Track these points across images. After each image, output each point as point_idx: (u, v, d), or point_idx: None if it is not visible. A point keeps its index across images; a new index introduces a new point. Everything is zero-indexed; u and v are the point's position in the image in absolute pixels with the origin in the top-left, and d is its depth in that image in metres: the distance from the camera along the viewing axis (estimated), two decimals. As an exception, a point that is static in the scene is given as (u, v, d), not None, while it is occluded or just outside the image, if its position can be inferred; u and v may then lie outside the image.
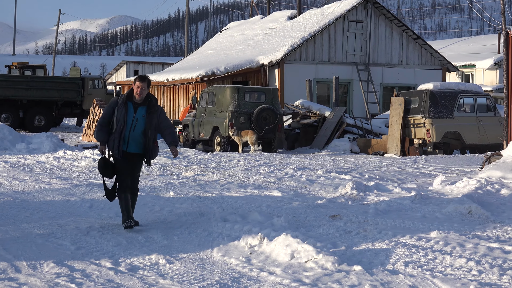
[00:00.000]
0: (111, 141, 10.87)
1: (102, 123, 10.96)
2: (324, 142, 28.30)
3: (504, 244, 9.63)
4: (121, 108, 10.85)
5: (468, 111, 26.24)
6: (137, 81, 10.95)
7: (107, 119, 10.93)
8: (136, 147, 10.93)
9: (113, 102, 10.96)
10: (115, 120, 10.83)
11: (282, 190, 15.09)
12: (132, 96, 10.95)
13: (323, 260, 8.61)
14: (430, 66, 39.04)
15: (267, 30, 43.11)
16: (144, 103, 10.97)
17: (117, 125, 10.81)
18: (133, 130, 10.85)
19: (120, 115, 10.82)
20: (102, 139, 10.95)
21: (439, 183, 15.52)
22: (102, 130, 10.94)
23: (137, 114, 10.90)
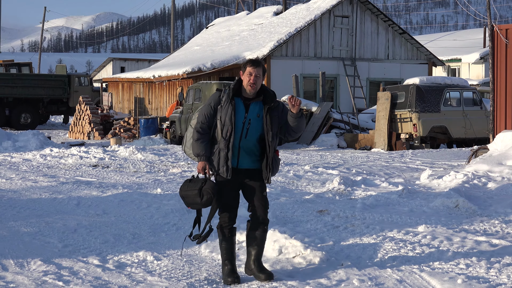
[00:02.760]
0: (214, 156, 7.82)
1: (201, 129, 7.86)
2: (311, 138, 28.31)
3: (491, 237, 9.65)
4: (226, 106, 7.79)
5: (455, 105, 26.30)
6: (249, 66, 7.79)
7: (206, 123, 7.86)
8: (250, 161, 7.89)
9: (214, 99, 7.89)
10: (219, 124, 7.82)
11: (269, 185, 15.03)
12: (240, 89, 7.89)
13: (311, 255, 8.61)
14: (416, 61, 39.08)
15: (253, 26, 43.07)
16: (257, 97, 7.87)
17: (222, 131, 7.79)
18: (245, 137, 7.81)
19: (226, 117, 7.76)
20: (203, 153, 7.80)
21: (426, 177, 15.55)
22: (202, 139, 7.82)
23: (250, 113, 7.83)
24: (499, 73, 19.23)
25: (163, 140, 29.81)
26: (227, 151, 7.76)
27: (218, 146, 7.79)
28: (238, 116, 7.79)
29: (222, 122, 7.78)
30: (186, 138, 8.21)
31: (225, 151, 7.76)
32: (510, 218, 11.14)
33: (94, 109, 36.43)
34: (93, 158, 21.17)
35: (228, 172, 7.77)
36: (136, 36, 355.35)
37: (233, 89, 7.83)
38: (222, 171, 7.78)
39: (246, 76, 7.77)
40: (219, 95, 7.87)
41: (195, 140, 7.85)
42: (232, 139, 7.76)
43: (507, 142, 17.43)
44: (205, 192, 7.70)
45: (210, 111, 7.86)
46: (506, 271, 7.93)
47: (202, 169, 7.80)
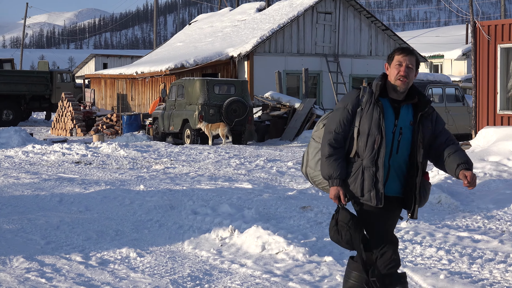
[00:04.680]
0: (354, 178, 5.86)
1: (335, 141, 5.88)
2: (294, 134, 28.33)
3: (474, 233, 9.70)
4: (369, 109, 5.85)
5: (437, 102, 26.38)
6: (397, 54, 5.91)
7: (342, 133, 5.89)
8: (398, 186, 5.94)
9: (351, 100, 5.93)
10: (359, 133, 5.86)
11: (252, 182, 15.08)
12: (385, 87, 5.95)
13: (294, 251, 8.63)
14: (399, 57, 39.12)
15: (236, 22, 43.04)
16: (409, 99, 5.93)
17: (366, 143, 5.83)
18: (396, 152, 5.87)
19: (372, 124, 5.81)
20: (338, 174, 5.84)
21: (408, 173, 15.55)
22: (336, 155, 5.87)
23: (401, 120, 5.89)
24: (481, 70, 19.33)
25: (146, 136, 29.76)
26: (375, 169, 5.78)
27: (360, 163, 5.82)
28: (387, 123, 5.82)
29: (364, 130, 5.80)
30: (308, 155, 6.16)
31: (373, 170, 5.78)
32: (492, 214, 11.21)
33: (77, 106, 36.31)
34: (75, 155, 21.10)
35: (378, 199, 5.77)
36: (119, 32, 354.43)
37: (380, 85, 5.87)
38: (367, 197, 5.79)
39: (394, 68, 5.84)
40: (357, 95, 5.90)
41: (327, 157, 5.81)
42: (383, 153, 5.78)
43: (489, 138, 17.52)
44: (341, 227, 5.87)
45: (347, 116, 5.85)
46: (488, 267, 7.98)
47: (335, 196, 5.82)
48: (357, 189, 5.82)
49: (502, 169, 15.37)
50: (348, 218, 5.83)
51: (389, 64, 5.89)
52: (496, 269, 7.87)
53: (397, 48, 6.00)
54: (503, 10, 55.69)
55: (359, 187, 5.81)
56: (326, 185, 6.01)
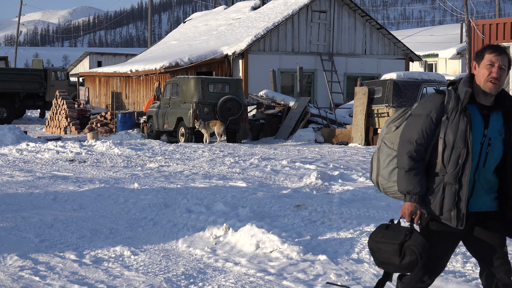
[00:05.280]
0: (434, 194, 5.24)
1: (416, 153, 5.24)
2: (289, 132, 28.33)
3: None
4: (455, 118, 5.20)
5: (431, 101, 26.34)
6: (488, 52, 5.24)
7: (424, 144, 5.24)
8: (488, 200, 5.33)
9: (435, 106, 5.25)
10: (442, 145, 5.22)
11: (247, 180, 15.08)
12: (473, 89, 5.27)
13: (288, 250, 8.62)
14: (393, 56, 39.19)
15: (231, 21, 43.03)
16: (497, 105, 5.29)
17: (450, 159, 5.20)
18: (482, 166, 5.25)
19: (457, 135, 5.17)
20: (418, 190, 5.21)
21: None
22: (416, 168, 5.23)
23: (490, 130, 5.24)
24: (475, 69, 19.36)
25: (140, 134, 29.72)
26: (458, 187, 5.17)
27: (441, 179, 5.21)
28: (475, 133, 5.18)
29: (449, 143, 5.17)
30: (379, 162, 5.49)
31: (455, 188, 5.17)
32: (486, 213, 11.19)
33: (71, 104, 36.26)
34: (69, 153, 21.08)
35: (459, 220, 5.18)
36: (113, 30, 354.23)
37: (469, 93, 5.19)
38: (446, 217, 5.19)
39: (485, 68, 5.17)
40: (442, 100, 5.22)
41: (406, 171, 5.18)
42: (468, 169, 5.15)
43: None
44: (409, 251, 5.19)
45: (431, 125, 5.19)
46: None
47: (410, 214, 5.18)
48: (436, 207, 5.20)
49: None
50: (425, 247, 5.17)
51: (478, 64, 5.24)
52: (490, 268, 7.87)
53: (488, 45, 5.30)
54: (498, 9, 55.78)
55: (438, 205, 5.20)
56: (400, 196, 5.35)
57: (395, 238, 5.24)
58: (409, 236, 5.19)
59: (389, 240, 5.25)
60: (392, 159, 5.37)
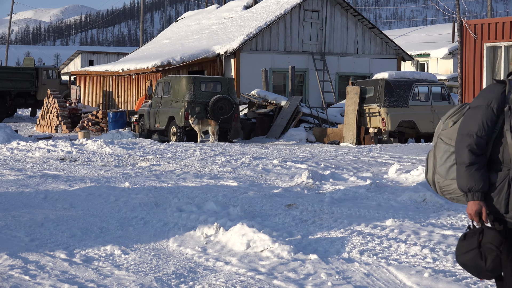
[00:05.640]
0: (498, 191, 4.93)
1: (477, 146, 4.94)
2: (280, 132, 28.34)
3: (458, 231, 9.70)
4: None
5: (423, 100, 26.41)
6: None
7: (485, 136, 4.95)
8: None
9: (496, 97, 4.97)
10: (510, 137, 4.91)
11: (238, 179, 15.07)
12: None
13: (279, 249, 8.61)
14: (385, 55, 39.23)
15: (223, 20, 43.01)
16: None
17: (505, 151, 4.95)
18: None
19: None
20: (480, 186, 4.91)
21: (394, 171, 15.61)
22: (478, 163, 4.94)
23: None
24: (467, 68, 19.38)
25: (131, 133, 29.70)
26: None
27: (506, 174, 4.89)
28: None
29: None
30: (436, 159, 5.20)
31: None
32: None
33: (62, 102, 36.21)
34: (60, 152, 21.04)
35: None
36: (105, 29, 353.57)
37: None
38: None
39: None
40: (503, 90, 4.94)
41: (467, 166, 4.87)
42: None
43: (475, 137, 17.54)
44: (487, 250, 4.92)
45: (492, 116, 4.90)
46: (472, 265, 7.97)
47: (477, 213, 4.91)
48: (500, 205, 4.87)
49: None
50: (499, 240, 4.88)
51: None
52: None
53: None
54: (490, 9, 55.86)
55: (503, 202, 4.86)
56: (459, 196, 5.08)
57: (471, 244, 4.97)
58: (481, 236, 4.93)
59: (467, 249, 4.99)
60: (450, 155, 5.09)
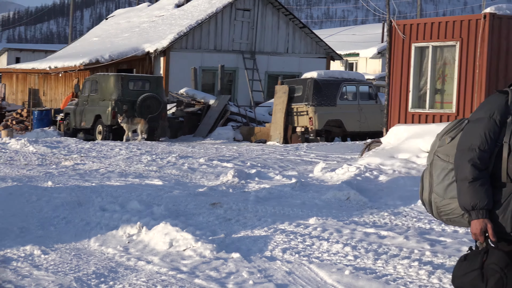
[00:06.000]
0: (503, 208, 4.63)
1: (480, 161, 4.64)
2: (208, 130, 28.30)
3: (380, 229, 9.79)
4: None
5: (351, 99, 26.63)
6: None
7: (488, 150, 4.65)
8: None
9: (499, 108, 4.67)
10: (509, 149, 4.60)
11: (163, 178, 14.97)
12: None
13: (201, 248, 8.58)
14: (315, 55, 39.45)
15: (154, 18, 42.78)
16: None
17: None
18: None
19: None
20: (485, 203, 4.61)
21: (319, 170, 15.68)
22: (481, 179, 4.63)
23: None
24: (395, 68, 19.55)
25: (56, 132, 29.34)
26: None
27: (510, 190, 4.59)
28: None
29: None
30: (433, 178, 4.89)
31: None
32: (399, 210, 11.34)
33: (-14, 101, 35.60)
34: (-17, 151, 20.64)
35: None
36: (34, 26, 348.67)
37: None
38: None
39: None
40: (506, 100, 4.65)
41: (471, 181, 4.56)
42: None
43: (400, 136, 17.73)
44: (490, 271, 4.61)
45: (495, 128, 4.59)
46: (392, 262, 8.05)
47: (482, 231, 4.58)
48: (506, 223, 4.54)
49: (411, 166, 15.60)
50: (505, 262, 4.56)
51: None
52: (400, 264, 7.95)
53: None
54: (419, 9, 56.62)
55: (509, 220, 4.54)
56: (457, 216, 4.80)
57: (473, 264, 4.66)
58: (486, 256, 4.61)
59: (468, 270, 4.67)
60: (448, 173, 4.77)
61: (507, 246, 4.60)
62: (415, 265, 7.87)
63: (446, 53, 18.62)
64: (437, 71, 18.83)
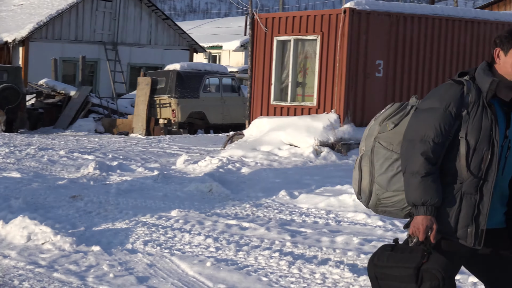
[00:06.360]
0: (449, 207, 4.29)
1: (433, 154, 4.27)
2: (68, 122, 27.82)
3: (242, 221, 9.86)
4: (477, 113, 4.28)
5: (214, 92, 26.71)
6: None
7: (442, 143, 4.28)
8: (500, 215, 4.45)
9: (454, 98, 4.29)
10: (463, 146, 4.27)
11: (21, 171, 14.58)
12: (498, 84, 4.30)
13: (61, 241, 8.42)
14: (178, 47, 39.35)
15: (13, 7, 41.66)
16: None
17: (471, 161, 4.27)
18: (501, 173, 4.36)
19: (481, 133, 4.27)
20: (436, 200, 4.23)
21: (182, 162, 15.65)
22: (433, 174, 4.26)
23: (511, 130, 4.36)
24: (257, 61, 19.70)
25: None
26: (479, 198, 4.28)
27: (459, 187, 4.29)
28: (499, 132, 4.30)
29: (470, 144, 4.26)
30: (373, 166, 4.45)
31: (475, 198, 4.27)
32: (261, 202, 11.45)
33: None
34: None
35: (477, 238, 4.28)
36: None
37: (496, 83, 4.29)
38: (462, 234, 4.28)
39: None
40: (461, 92, 4.31)
41: (423, 176, 4.21)
42: (492, 176, 4.26)
43: (262, 128, 17.91)
44: (429, 275, 4.24)
45: (450, 120, 4.27)
46: (253, 253, 8.11)
47: (427, 229, 4.22)
48: (452, 221, 4.28)
49: (272, 158, 15.78)
50: (444, 264, 4.25)
51: (505, 51, 4.30)
52: (261, 255, 8.01)
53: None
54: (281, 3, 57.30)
55: (453, 220, 4.27)
56: (396, 209, 4.43)
57: (409, 260, 4.26)
58: (427, 258, 4.24)
59: (400, 264, 4.27)
60: (392, 163, 4.38)
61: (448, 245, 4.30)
62: (276, 256, 7.95)
63: (308, 47, 18.89)
64: (298, 65, 19.09)
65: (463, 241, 4.23)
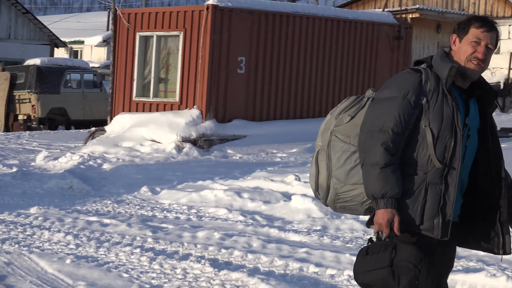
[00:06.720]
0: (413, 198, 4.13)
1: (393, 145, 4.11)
2: None
3: (103, 217, 9.82)
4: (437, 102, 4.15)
5: (75, 87, 26.34)
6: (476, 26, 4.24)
7: (402, 134, 4.13)
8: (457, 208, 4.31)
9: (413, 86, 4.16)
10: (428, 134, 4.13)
11: None
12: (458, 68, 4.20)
13: None
14: (38, 42, 38.59)
15: None
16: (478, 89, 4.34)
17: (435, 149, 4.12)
18: (461, 162, 4.21)
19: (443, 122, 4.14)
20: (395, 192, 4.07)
21: (42, 158, 15.39)
22: (393, 164, 4.10)
23: (471, 118, 4.29)
24: (119, 57, 19.58)
25: None
26: (444, 187, 4.13)
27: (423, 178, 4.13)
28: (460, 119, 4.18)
29: (434, 131, 4.12)
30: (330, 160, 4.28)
31: (441, 188, 4.12)
32: (123, 198, 11.42)
33: None
34: None
35: (444, 229, 4.12)
36: None
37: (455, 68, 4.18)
38: (428, 226, 4.11)
39: (469, 45, 4.21)
40: (419, 80, 4.18)
41: (383, 167, 4.05)
42: (457, 164, 4.13)
43: (124, 124, 17.82)
44: (402, 269, 4.16)
45: (409, 109, 4.12)
46: (114, 250, 8.08)
47: (389, 222, 4.06)
48: (415, 214, 4.10)
49: (134, 154, 15.73)
50: (418, 258, 4.13)
51: (460, 38, 4.24)
52: (122, 251, 8.00)
53: (475, 17, 4.28)
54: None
55: (419, 212, 4.10)
56: (354, 204, 4.27)
57: (380, 261, 4.16)
58: (394, 252, 4.14)
59: (375, 267, 4.17)
60: (350, 156, 4.22)
61: (410, 238, 4.13)
62: (137, 252, 7.96)
63: (170, 43, 18.90)
64: (161, 61, 19.07)
65: (429, 233, 4.08)
